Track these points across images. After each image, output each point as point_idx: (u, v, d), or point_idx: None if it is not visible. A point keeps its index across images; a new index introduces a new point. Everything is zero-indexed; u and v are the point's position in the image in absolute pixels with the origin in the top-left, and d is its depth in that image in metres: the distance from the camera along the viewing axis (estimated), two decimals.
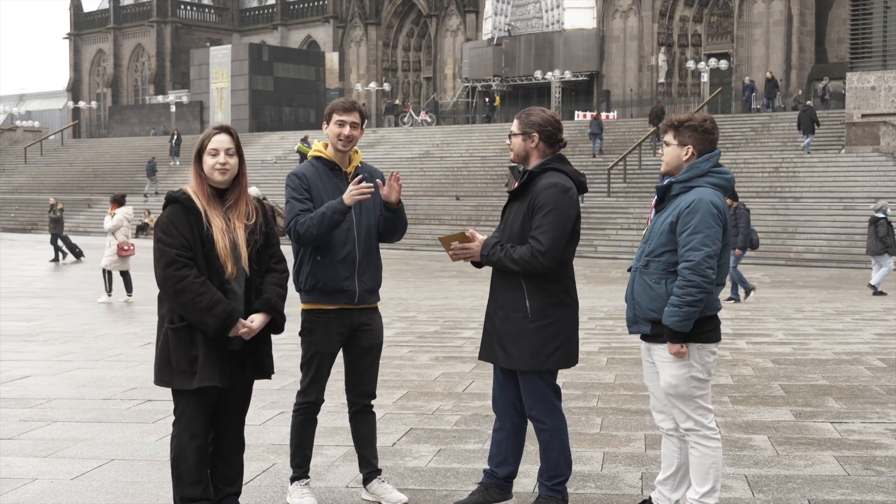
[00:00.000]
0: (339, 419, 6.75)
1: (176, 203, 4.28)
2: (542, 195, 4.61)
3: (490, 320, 4.83)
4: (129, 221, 16.25)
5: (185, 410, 4.32)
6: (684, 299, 4.33)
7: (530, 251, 4.57)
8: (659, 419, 4.72)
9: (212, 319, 4.17)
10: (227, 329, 4.22)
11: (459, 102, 55.80)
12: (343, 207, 4.75)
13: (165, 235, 4.23)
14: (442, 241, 4.81)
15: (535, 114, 4.78)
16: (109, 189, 44.17)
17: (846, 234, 25.20)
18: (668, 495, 4.69)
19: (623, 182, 31.26)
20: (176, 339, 4.24)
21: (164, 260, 4.20)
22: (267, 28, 70.37)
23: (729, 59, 46.09)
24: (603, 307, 14.82)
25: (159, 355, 4.30)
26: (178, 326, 4.23)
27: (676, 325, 4.36)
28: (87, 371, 9.12)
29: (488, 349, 4.83)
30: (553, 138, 4.76)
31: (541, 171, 4.70)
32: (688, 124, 4.51)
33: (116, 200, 16.29)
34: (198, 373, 4.22)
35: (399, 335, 11.34)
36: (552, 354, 4.69)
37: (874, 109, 29.45)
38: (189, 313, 4.18)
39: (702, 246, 4.34)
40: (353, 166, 5.01)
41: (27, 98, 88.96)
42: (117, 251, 15.76)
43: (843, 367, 9.20)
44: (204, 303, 4.16)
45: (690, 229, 4.36)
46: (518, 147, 4.79)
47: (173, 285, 4.17)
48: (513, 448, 4.91)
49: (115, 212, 16.07)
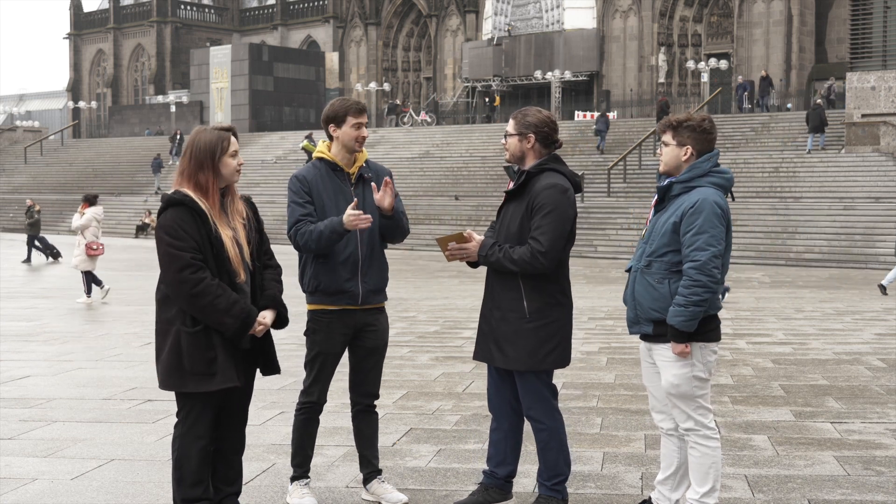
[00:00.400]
0: (339, 419, 6.75)
1: (180, 206, 4.22)
2: (542, 196, 4.61)
3: (486, 320, 4.83)
4: (99, 221, 15.96)
5: (191, 412, 4.30)
6: (690, 299, 4.33)
7: (530, 252, 4.57)
8: (658, 419, 4.72)
9: (231, 320, 4.18)
10: (247, 329, 4.24)
11: (459, 102, 55.81)
12: (341, 230, 4.77)
13: (175, 239, 4.17)
14: (439, 242, 4.81)
15: (531, 114, 4.77)
16: (109, 189, 44.27)
17: (846, 234, 25.20)
18: (668, 495, 4.70)
19: (623, 182, 31.26)
20: (193, 342, 4.19)
21: (177, 264, 4.15)
22: (267, 28, 70.37)
23: (729, 59, 46.10)
24: (603, 307, 14.82)
25: (168, 359, 4.23)
26: (196, 330, 4.20)
27: (682, 325, 4.36)
28: (87, 371, 9.12)
29: (484, 349, 4.83)
30: (549, 139, 4.76)
31: (538, 172, 4.70)
32: (686, 124, 4.51)
33: (87, 199, 16.13)
34: (218, 374, 4.21)
35: (399, 335, 11.34)
36: (549, 354, 4.69)
37: (874, 109, 29.44)
38: (207, 316, 4.17)
39: (707, 246, 4.34)
40: (358, 166, 5.01)
41: (27, 98, 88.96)
42: (86, 250, 15.53)
43: (843, 367, 9.20)
44: (222, 304, 4.16)
45: (695, 229, 4.36)
46: (514, 147, 4.78)
47: (190, 289, 4.13)
48: (511, 447, 4.91)
49: (84, 211, 15.89)
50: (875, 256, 23.93)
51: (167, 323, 4.26)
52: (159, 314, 4.32)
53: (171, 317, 4.24)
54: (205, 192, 4.26)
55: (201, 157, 4.27)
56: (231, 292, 4.21)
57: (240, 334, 4.23)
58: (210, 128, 4.37)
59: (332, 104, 5.00)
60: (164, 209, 4.26)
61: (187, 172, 4.28)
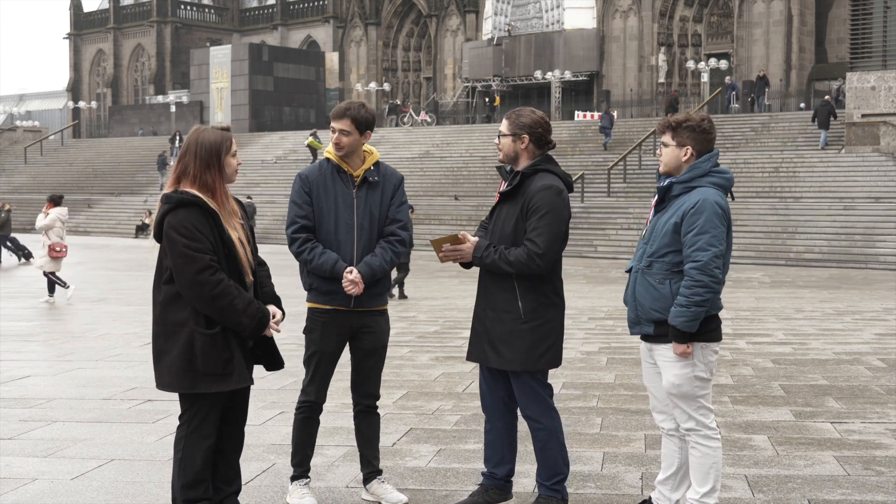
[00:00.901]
0: (339, 419, 6.76)
1: (192, 206, 4.16)
2: (537, 197, 4.61)
3: (479, 321, 4.82)
4: (63, 222, 15.83)
5: (198, 412, 4.28)
6: (692, 299, 4.33)
7: (527, 253, 4.57)
8: (659, 419, 4.72)
9: (248, 320, 4.19)
10: (263, 328, 4.26)
11: (459, 102, 55.80)
12: (339, 277, 4.84)
13: (191, 240, 4.11)
14: (433, 244, 4.80)
15: (526, 115, 4.77)
16: (109, 189, 44.32)
17: (846, 234, 25.20)
18: (669, 495, 4.70)
19: (623, 182, 31.26)
20: (210, 344, 4.17)
21: (196, 265, 4.11)
22: (267, 28, 70.36)
23: (729, 59, 46.09)
24: (603, 307, 14.82)
25: (178, 360, 4.19)
26: (213, 332, 4.18)
27: (684, 325, 4.36)
28: (87, 371, 9.12)
29: (478, 350, 4.83)
30: (542, 140, 4.76)
31: (532, 173, 4.70)
32: (686, 125, 4.50)
33: (52, 200, 16.00)
34: (234, 374, 4.22)
35: (399, 335, 11.34)
36: (544, 355, 4.70)
37: (874, 109, 29.44)
38: (226, 317, 4.16)
39: (709, 246, 4.34)
40: (364, 169, 4.98)
41: (27, 98, 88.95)
42: (48, 252, 15.38)
43: (843, 367, 9.20)
44: (240, 305, 4.17)
45: (697, 229, 4.36)
46: (507, 148, 4.79)
47: (210, 290, 4.11)
48: (507, 446, 4.91)
49: (49, 211, 15.78)
50: (875, 256, 23.94)
51: (177, 325, 4.20)
52: (164, 315, 4.24)
53: (183, 318, 4.19)
54: (212, 192, 4.23)
55: (207, 156, 4.22)
56: (245, 293, 4.24)
57: (256, 334, 4.26)
58: (210, 127, 4.34)
59: (337, 106, 5.01)
60: (174, 209, 4.17)
61: (193, 172, 4.21)
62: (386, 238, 5.00)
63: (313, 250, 4.88)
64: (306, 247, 4.89)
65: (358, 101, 5.04)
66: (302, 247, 4.90)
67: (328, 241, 4.92)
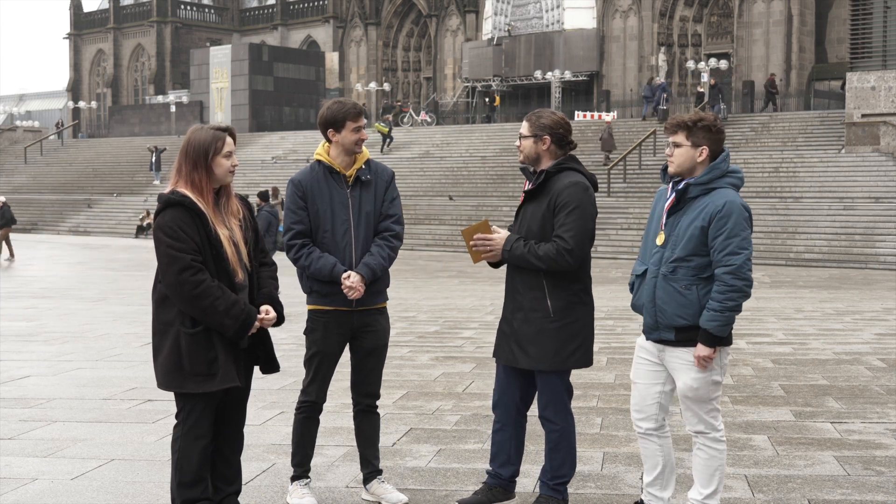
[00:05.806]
0: (339, 419, 6.76)
1: (179, 206, 4.22)
2: (565, 193, 4.61)
3: (507, 322, 4.80)
4: None
5: (191, 412, 4.30)
6: (726, 304, 4.26)
7: (556, 249, 4.55)
8: (638, 418, 4.64)
9: (230, 321, 4.20)
10: (247, 329, 4.26)
11: (459, 102, 55.78)
12: (338, 281, 4.84)
13: (174, 240, 4.17)
14: (464, 234, 4.80)
15: (546, 116, 4.80)
16: (109, 189, 44.30)
17: (846, 234, 25.20)
18: (659, 495, 4.65)
19: (623, 182, 31.25)
20: (193, 343, 4.20)
21: (177, 265, 4.15)
22: (267, 28, 70.33)
23: (729, 59, 46.06)
24: (603, 307, 14.81)
25: (167, 359, 4.24)
26: (196, 331, 4.20)
27: (717, 330, 4.29)
28: (87, 371, 9.12)
29: (506, 351, 4.80)
30: (564, 140, 4.79)
31: (556, 171, 4.71)
32: (701, 124, 4.40)
33: None
34: (219, 374, 4.22)
35: (399, 335, 11.34)
36: (573, 354, 4.68)
37: (874, 109, 29.43)
38: (207, 317, 4.18)
39: (740, 249, 4.27)
40: (356, 168, 5.00)
41: (27, 98, 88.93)
42: None
43: (843, 367, 9.20)
44: (222, 306, 4.17)
45: (727, 233, 4.27)
46: (529, 149, 4.79)
47: (191, 291, 4.14)
48: (515, 448, 4.91)
49: None
50: (875, 256, 23.94)
51: (166, 324, 4.26)
52: (157, 315, 4.31)
53: (171, 318, 4.24)
54: (199, 191, 4.27)
55: (195, 155, 4.28)
56: (230, 293, 4.22)
57: (240, 335, 4.25)
58: (206, 127, 4.36)
59: (330, 107, 4.96)
60: (162, 209, 4.25)
61: (184, 171, 4.29)
62: (381, 234, 5.03)
63: (310, 255, 4.89)
64: (302, 252, 4.91)
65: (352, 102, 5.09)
66: (298, 253, 4.92)
67: (326, 243, 4.92)
